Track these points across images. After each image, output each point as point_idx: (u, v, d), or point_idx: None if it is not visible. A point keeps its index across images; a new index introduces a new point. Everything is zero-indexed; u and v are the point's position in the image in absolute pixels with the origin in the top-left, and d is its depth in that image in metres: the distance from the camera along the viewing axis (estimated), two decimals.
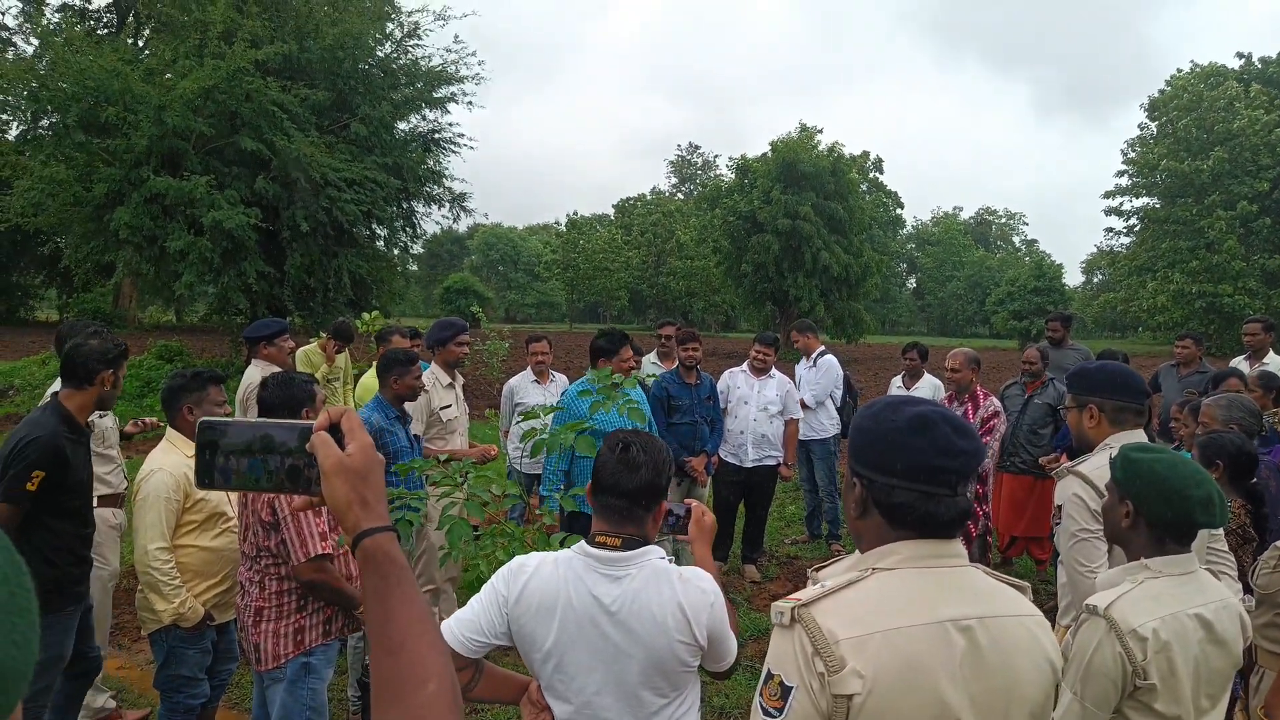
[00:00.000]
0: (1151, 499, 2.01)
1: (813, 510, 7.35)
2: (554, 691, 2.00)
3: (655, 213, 62.44)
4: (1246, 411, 3.78)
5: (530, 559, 2.05)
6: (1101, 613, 1.94)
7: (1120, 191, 44.78)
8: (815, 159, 33.33)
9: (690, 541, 2.30)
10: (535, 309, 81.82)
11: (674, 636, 1.94)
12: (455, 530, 2.35)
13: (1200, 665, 1.92)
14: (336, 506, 1.01)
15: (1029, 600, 1.48)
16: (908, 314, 79.88)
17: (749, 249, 33.79)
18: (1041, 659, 1.41)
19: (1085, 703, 1.92)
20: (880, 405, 1.48)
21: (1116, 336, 57.41)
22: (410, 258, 22.00)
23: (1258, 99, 38.26)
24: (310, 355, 7.13)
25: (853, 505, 1.48)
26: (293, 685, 3.12)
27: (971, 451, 1.40)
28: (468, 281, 53.52)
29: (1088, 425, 2.75)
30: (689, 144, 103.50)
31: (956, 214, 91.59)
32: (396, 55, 17.53)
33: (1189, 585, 1.99)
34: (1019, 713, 1.38)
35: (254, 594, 3.13)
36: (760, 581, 6.37)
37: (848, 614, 1.33)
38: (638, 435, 2.07)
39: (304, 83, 15.09)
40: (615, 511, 2.00)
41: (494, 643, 1.99)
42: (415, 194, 18.01)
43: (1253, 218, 37.81)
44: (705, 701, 4.36)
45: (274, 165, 14.32)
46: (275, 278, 15.20)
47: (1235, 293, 37.13)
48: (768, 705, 1.34)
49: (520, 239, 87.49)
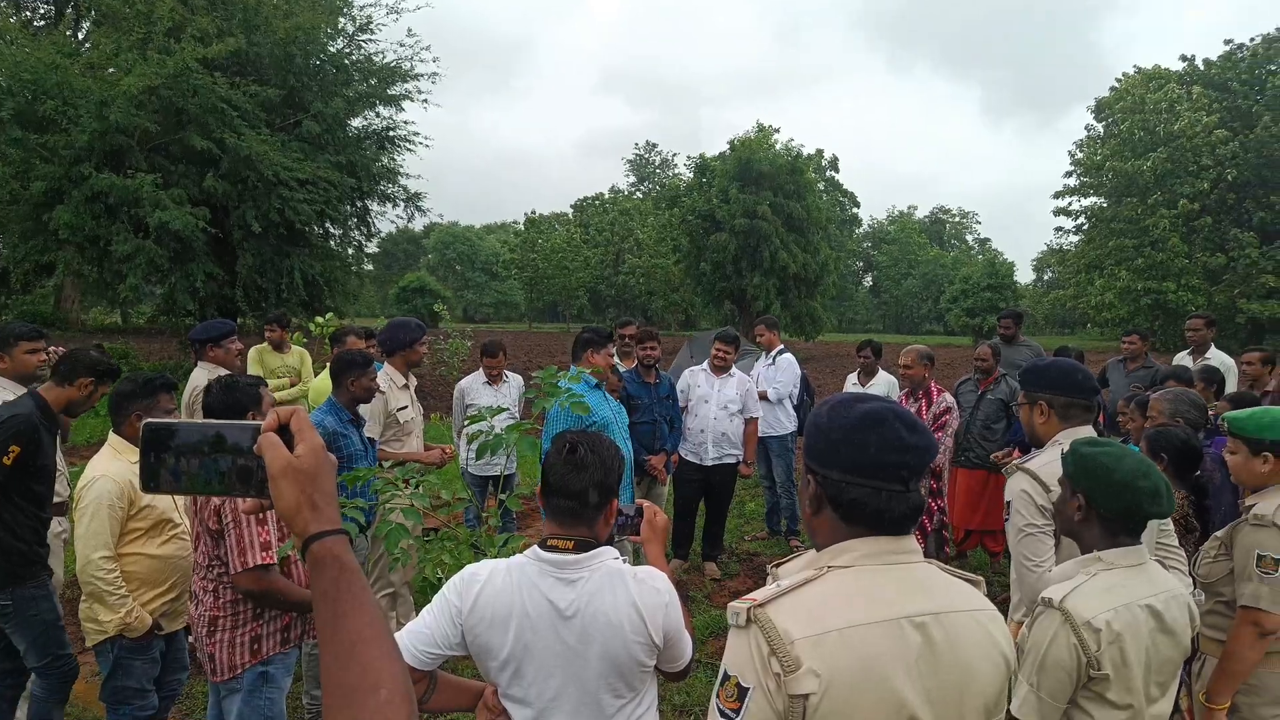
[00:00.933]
0: (1102, 492, 2.04)
1: (772, 507, 7.40)
2: (511, 697, 1.98)
3: (613, 211, 62.47)
4: (1192, 405, 3.87)
5: (481, 568, 2.02)
6: (1056, 605, 1.96)
7: (1068, 191, 45.75)
8: (772, 158, 33.60)
9: (643, 542, 2.28)
10: (493, 308, 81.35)
11: (630, 638, 1.93)
12: (393, 536, 2.31)
13: (1151, 655, 1.95)
14: (284, 510, 0.98)
15: (983, 594, 1.49)
16: (864, 312, 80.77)
17: (707, 247, 33.96)
18: (995, 653, 1.42)
19: (1041, 694, 1.95)
20: (834, 402, 1.48)
21: (1066, 333, 58.66)
22: (365, 257, 21.74)
23: (1199, 101, 39.31)
24: (262, 355, 7.00)
25: (807, 502, 1.48)
26: (250, 695, 3.04)
27: (923, 447, 1.40)
28: (424, 281, 52.97)
29: (1038, 421, 2.78)
30: (647, 142, 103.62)
31: (911, 213, 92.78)
32: (349, 50, 17.31)
33: (1140, 576, 2.02)
34: (974, 707, 1.38)
35: (208, 603, 3.05)
36: (721, 579, 6.38)
37: (803, 613, 1.32)
38: (585, 435, 2.05)
39: (254, 78, 14.84)
40: (566, 513, 1.98)
41: (448, 654, 1.96)
42: (369, 193, 17.80)
43: (1194, 216, 38.88)
44: (665, 700, 4.35)
45: (223, 163, 14.04)
46: (225, 279, 14.91)
47: (1179, 290, 38.14)
48: (724, 707, 1.33)
49: (478, 238, 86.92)
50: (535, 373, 3.00)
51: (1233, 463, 2.91)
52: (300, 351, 7.33)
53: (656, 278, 48.81)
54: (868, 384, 6.97)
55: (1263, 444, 2.78)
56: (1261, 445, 2.79)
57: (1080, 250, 45.59)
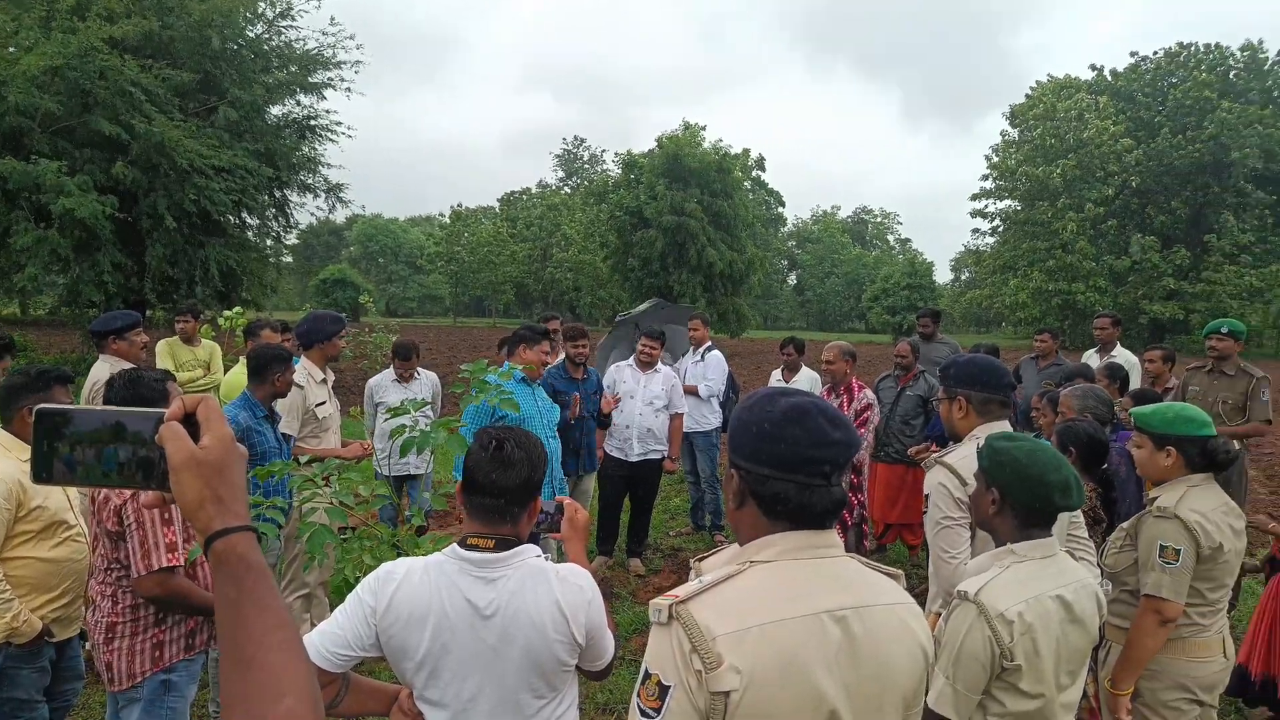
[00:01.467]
0: (1015, 485, 2.08)
1: (696, 502, 7.43)
2: (428, 699, 1.92)
3: (541, 206, 62.07)
4: (1100, 401, 4.02)
5: (398, 566, 1.96)
6: (971, 598, 2.00)
7: (985, 194, 47.34)
8: (700, 156, 33.81)
9: (564, 539, 2.25)
10: (417, 302, 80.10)
11: (552, 636, 1.90)
12: (316, 536, 2.22)
13: (1061, 644, 2.00)
14: (186, 505, 0.92)
15: (902, 588, 1.50)
16: (788, 309, 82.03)
17: (635, 244, 34.00)
18: (914, 646, 1.43)
19: (957, 685, 1.98)
20: (757, 397, 1.47)
21: (982, 331, 60.56)
22: (284, 249, 21.16)
23: (1106, 110, 41.00)
24: (172, 348, 6.74)
25: (731, 496, 1.47)
26: (151, 705, 2.90)
27: (845, 442, 1.41)
28: (345, 273, 51.72)
29: (957, 416, 2.84)
30: (575, 137, 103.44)
31: (835, 213, 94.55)
32: (269, 36, 16.82)
33: (1051, 568, 2.07)
34: (893, 700, 1.39)
35: (105, 609, 2.89)
36: (645, 575, 6.38)
37: (725, 609, 1.31)
38: (511, 431, 2.00)
39: (166, 62, 14.28)
40: (489, 511, 1.93)
41: (361, 655, 1.90)
42: (289, 183, 17.34)
43: (1100, 220, 40.60)
44: (589, 699, 4.33)
45: (133, 149, 13.47)
46: (134, 269, 14.33)
47: (1087, 290, 39.79)
48: (645, 706, 1.32)
49: (401, 230, 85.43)
50: (464, 366, 2.93)
51: (1138, 456, 3.01)
52: (210, 345, 7.08)
53: (584, 273, 48.70)
54: (791, 380, 7.06)
55: (1166, 439, 2.89)
56: (1165, 440, 2.89)
57: (995, 251, 47.18)
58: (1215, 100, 38.59)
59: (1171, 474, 2.90)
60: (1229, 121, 37.44)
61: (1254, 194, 38.51)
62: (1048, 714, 2.01)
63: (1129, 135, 40.46)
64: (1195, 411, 2.91)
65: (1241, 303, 37.45)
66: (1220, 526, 2.79)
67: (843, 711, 1.32)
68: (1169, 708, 2.82)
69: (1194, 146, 38.34)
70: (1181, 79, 41.43)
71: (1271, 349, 38.20)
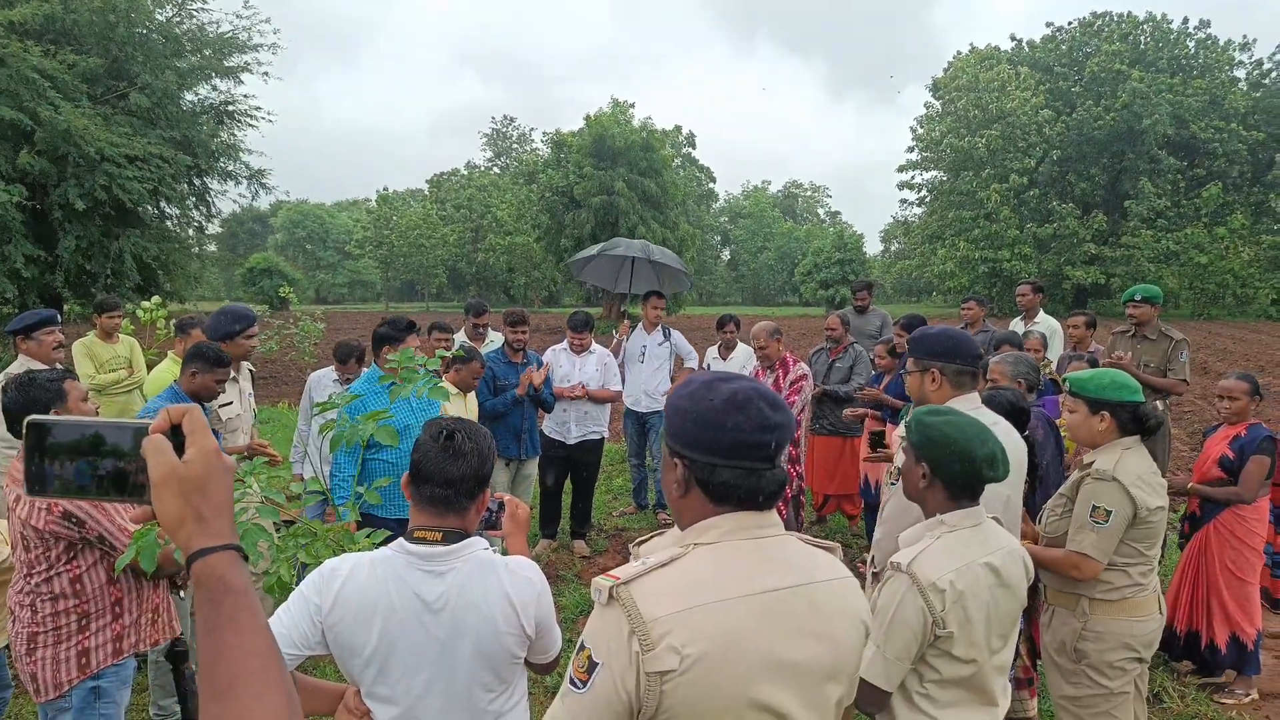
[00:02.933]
0: (943, 459, 2.14)
1: (640, 482, 7.48)
2: (377, 696, 1.91)
3: (470, 187, 61.20)
4: (1029, 367, 4.18)
5: (343, 562, 1.94)
6: (904, 569, 2.06)
7: (911, 166, 48.14)
8: (627, 134, 33.68)
9: (505, 536, 2.25)
10: (348, 288, 78.57)
11: (502, 629, 1.90)
12: (249, 536, 2.17)
13: (991, 610, 2.07)
14: (166, 523, 0.89)
15: (840, 561, 1.54)
16: (723, 285, 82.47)
17: (567, 224, 33.82)
18: (856, 621, 1.47)
19: (887, 654, 2.03)
20: (695, 385, 1.48)
21: (913, 301, 61.74)
22: (206, 238, 20.49)
23: (1026, 81, 41.92)
24: (90, 346, 6.48)
25: (674, 485, 1.48)
26: (81, 713, 2.83)
27: (785, 424, 1.43)
28: (271, 261, 50.38)
29: (930, 389, 2.87)
30: (504, 116, 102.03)
31: (765, 187, 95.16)
32: (179, 19, 16.17)
33: (979, 535, 2.14)
34: (836, 675, 1.43)
35: (25, 618, 2.80)
36: (590, 556, 6.41)
37: (666, 591, 1.33)
38: (461, 422, 1.99)
39: (71, 48, 13.65)
40: (438, 502, 1.92)
41: (306, 654, 1.88)
42: (208, 170, 16.76)
43: (1023, 189, 41.59)
44: (538, 682, 4.34)
45: (39, 138, 12.89)
46: (47, 262, 13.76)
47: (1012, 258, 40.80)
48: (575, 676, 1.35)
49: (329, 216, 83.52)
50: (391, 355, 2.88)
51: (1071, 420, 3.11)
52: (129, 340, 6.82)
53: (517, 255, 48.26)
54: (728, 357, 7.12)
55: (1100, 404, 2.99)
56: (1100, 405, 3.00)
57: (923, 222, 48.06)
58: (1126, 70, 39.75)
59: (1104, 438, 3.01)
60: (1140, 90, 38.61)
61: (1167, 160, 39.82)
62: (981, 677, 2.08)
63: (1048, 106, 41.49)
64: (1126, 378, 3.01)
65: (1159, 265, 38.79)
66: (1154, 487, 2.91)
67: (786, 690, 1.35)
68: (1114, 668, 2.91)
69: (1110, 116, 39.46)
70: (1095, 49, 42.55)
71: (1188, 310, 39.72)
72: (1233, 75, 41.66)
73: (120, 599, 2.93)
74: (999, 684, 2.13)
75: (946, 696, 2.07)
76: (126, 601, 2.95)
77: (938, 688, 2.07)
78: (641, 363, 7.14)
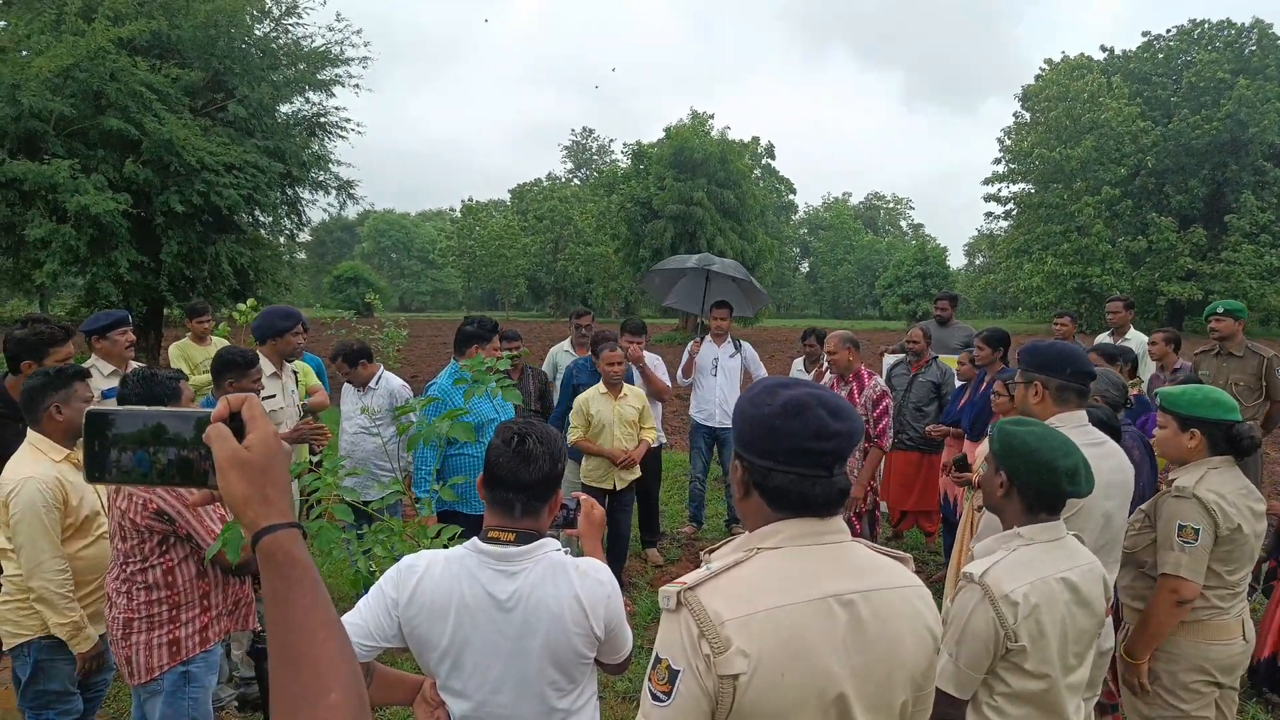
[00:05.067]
0: (1023, 469, 2.10)
1: (699, 499, 7.24)
2: (451, 690, 1.96)
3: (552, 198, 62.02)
4: (1112, 385, 4.02)
5: (420, 559, 1.99)
6: (977, 580, 2.02)
7: (998, 178, 46.88)
8: (707, 146, 33.71)
9: (580, 536, 2.26)
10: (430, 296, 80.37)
11: (571, 630, 1.92)
12: (325, 535, 2.23)
13: (1067, 626, 2.02)
14: (233, 503, 0.94)
15: (910, 571, 1.52)
16: (801, 297, 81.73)
17: (646, 235, 33.99)
18: (922, 628, 1.45)
19: (960, 664, 2.01)
20: (759, 389, 1.49)
21: (997, 316, 60.11)
22: (297, 246, 21.21)
23: (1119, 91, 40.52)
24: (185, 349, 6.75)
25: (737, 487, 1.50)
26: (172, 696, 2.96)
27: (846, 433, 1.41)
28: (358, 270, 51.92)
29: (1033, 402, 2.83)
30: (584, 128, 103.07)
31: (846, 199, 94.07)
32: (276, 34, 16.81)
33: (1058, 551, 2.09)
34: (901, 681, 1.42)
35: (121, 604, 2.95)
36: (663, 565, 6.41)
37: (732, 594, 1.34)
38: (532, 425, 2.02)
39: (175, 62, 14.32)
40: (510, 505, 1.95)
41: (384, 646, 1.93)
42: (300, 179, 17.35)
43: (1116, 202, 40.13)
44: (609, 687, 4.36)
45: (144, 148, 13.56)
46: (150, 267, 14.43)
47: (1103, 274, 39.37)
48: (656, 690, 1.35)
49: (413, 225, 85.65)
50: (463, 362, 2.95)
51: (1161, 436, 3.01)
52: (222, 343, 7.10)
53: (595, 265, 48.66)
54: (813, 371, 7.00)
55: (1191, 421, 2.89)
56: (1190, 422, 2.90)
57: (1009, 236, 46.77)
58: (1229, 79, 38.09)
59: (1194, 456, 2.91)
60: (1247, 98, 36.92)
61: (1273, 172, 38.01)
62: (1054, 695, 2.03)
63: (1144, 117, 40.01)
64: (1222, 395, 2.91)
65: (1261, 282, 36.96)
66: (1239, 508, 2.79)
67: (850, 693, 1.35)
68: (1188, 689, 2.84)
69: (1211, 125, 37.83)
70: (1194, 57, 40.90)
71: None
72: None
73: (208, 592, 3.07)
74: (1073, 704, 2.08)
75: (1017, 711, 2.03)
76: (214, 595, 3.09)
77: (1007, 701, 2.03)
78: (714, 376, 7.01)
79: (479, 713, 1.94)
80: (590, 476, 5.67)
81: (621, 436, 5.58)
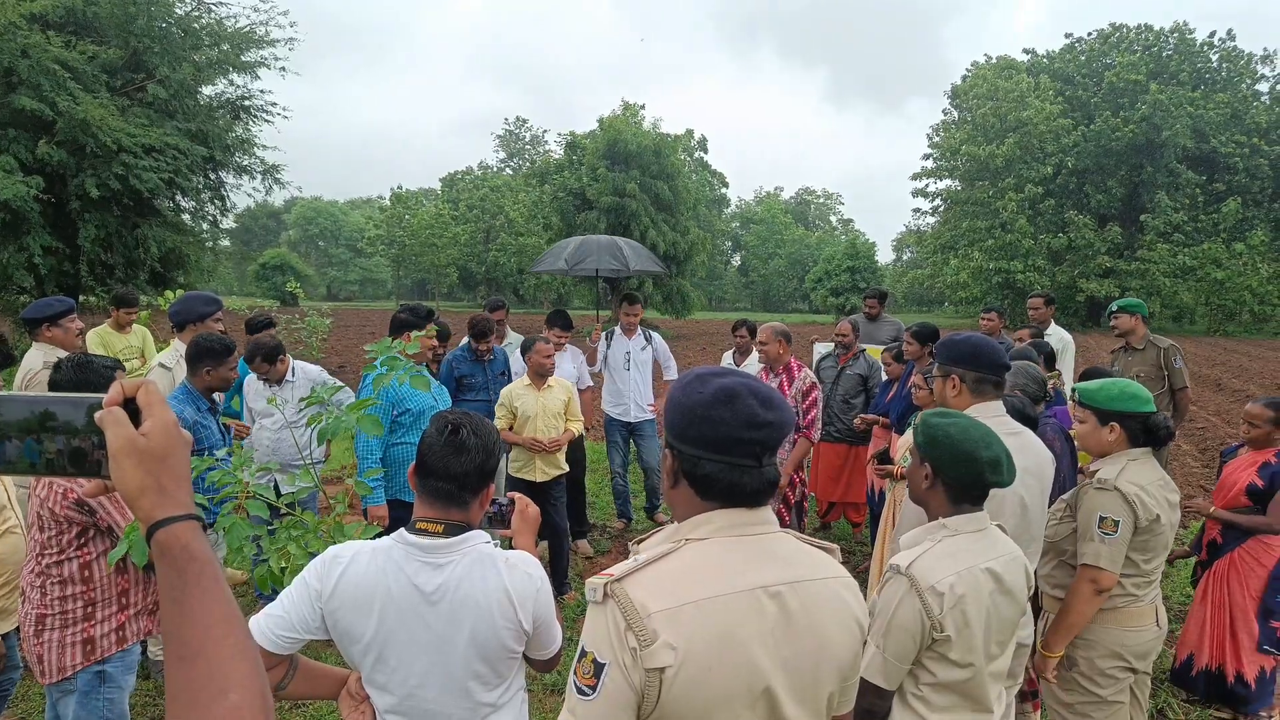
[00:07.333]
0: (946, 461, 2.14)
1: (623, 495, 7.21)
2: (375, 683, 1.92)
3: (483, 188, 61.32)
4: (1030, 379, 4.11)
5: (345, 550, 1.94)
6: (904, 571, 2.05)
7: (926, 174, 47.92)
8: (639, 137, 33.70)
9: (514, 534, 2.23)
10: (359, 285, 78.83)
11: (499, 623, 1.90)
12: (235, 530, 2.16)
13: (991, 615, 2.06)
14: (127, 493, 0.89)
15: (837, 562, 1.53)
16: (733, 291, 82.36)
17: (578, 225, 33.82)
18: (849, 619, 1.46)
19: (887, 655, 2.04)
20: (690, 377, 1.48)
21: (924, 310, 61.48)
22: (221, 232, 20.59)
23: (1045, 91, 41.75)
24: (104, 336, 6.53)
25: (666, 476, 1.49)
26: (86, 697, 2.85)
27: (776, 423, 1.41)
28: (284, 257, 50.68)
29: (950, 394, 2.88)
30: (517, 118, 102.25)
31: (778, 194, 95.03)
32: (198, 13, 16.27)
33: (982, 541, 2.13)
34: (829, 673, 1.43)
35: (34, 599, 2.82)
36: (593, 556, 6.40)
37: (660, 586, 1.33)
38: (468, 416, 1.99)
39: (91, 39, 13.76)
40: (441, 495, 1.93)
41: (307, 638, 1.88)
42: (224, 164, 16.87)
43: (1039, 199, 41.37)
44: (537, 679, 4.34)
45: (58, 128, 13.00)
46: (66, 253, 13.86)
47: (1025, 270, 40.57)
48: (581, 684, 1.33)
49: (342, 213, 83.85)
50: (369, 346, 2.88)
51: (1081, 431, 3.09)
52: (142, 330, 6.87)
53: (527, 255, 48.25)
54: (743, 363, 7.05)
55: (1110, 414, 2.97)
56: (1109, 416, 2.98)
57: (936, 231, 47.87)
58: (1145, 82, 39.53)
59: (1114, 448, 2.99)
60: (1161, 102, 38.38)
61: (1185, 174, 39.58)
62: (977, 682, 2.07)
63: (1066, 116, 41.29)
64: (1137, 388, 2.99)
65: (1174, 280, 38.51)
66: (1158, 499, 2.88)
67: (778, 686, 1.35)
68: (1105, 675, 2.92)
69: (1128, 127, 39.24)
70: (1113, 61, 42.34)
71: (1203, 326, 39.42)
72: (1255, 89, 41.41)
73: (127, 589, 2.96)
74: (995, 691, 2.13)
75: (941, 700, 2.06)
76: (133, 592, 2.98)
77: (933, 691, 2.06)
78: (627, 370, 6.95)
79: (404, 706, 1.91)
80: (512, 467, 5.62)
81: (545, 428, 5.53)
